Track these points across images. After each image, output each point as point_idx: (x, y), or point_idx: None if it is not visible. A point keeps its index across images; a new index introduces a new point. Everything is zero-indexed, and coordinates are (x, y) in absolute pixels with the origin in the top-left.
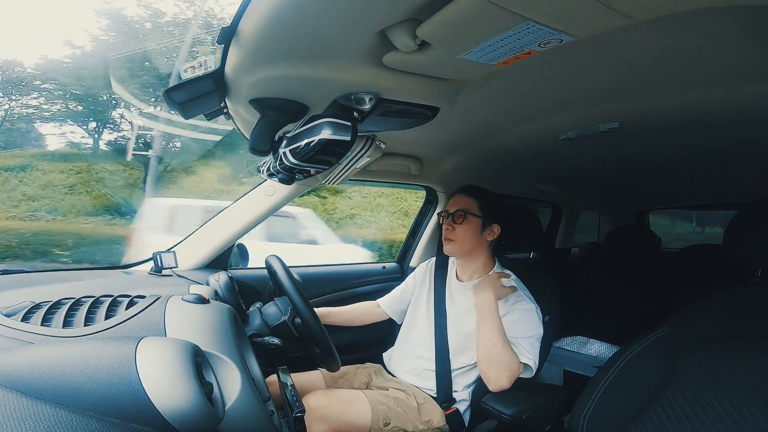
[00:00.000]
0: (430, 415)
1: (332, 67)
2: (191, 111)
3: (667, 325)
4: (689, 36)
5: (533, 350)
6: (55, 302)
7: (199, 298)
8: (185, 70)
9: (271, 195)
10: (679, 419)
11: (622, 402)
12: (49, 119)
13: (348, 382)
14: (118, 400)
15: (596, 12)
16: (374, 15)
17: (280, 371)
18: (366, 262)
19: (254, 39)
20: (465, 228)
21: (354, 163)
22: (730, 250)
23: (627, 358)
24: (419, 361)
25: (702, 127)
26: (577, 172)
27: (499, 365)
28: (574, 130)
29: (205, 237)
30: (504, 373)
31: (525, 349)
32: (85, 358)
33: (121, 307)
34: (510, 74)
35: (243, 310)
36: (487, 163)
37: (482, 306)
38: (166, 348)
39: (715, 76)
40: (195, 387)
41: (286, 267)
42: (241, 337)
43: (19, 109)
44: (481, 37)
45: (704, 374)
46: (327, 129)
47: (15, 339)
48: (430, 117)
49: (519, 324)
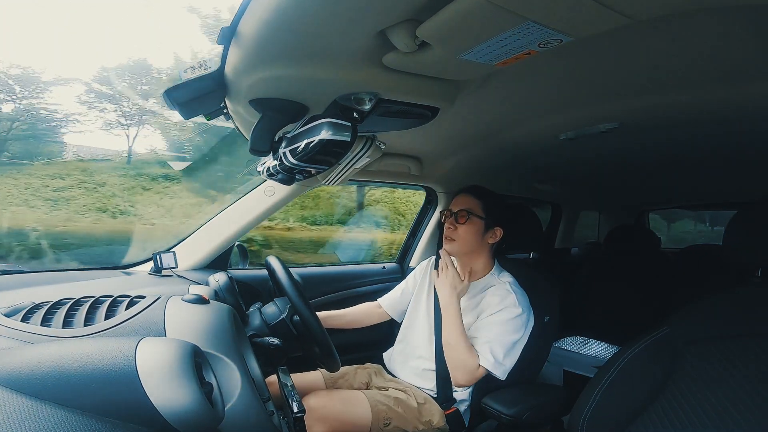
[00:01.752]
0: (430, 415)
1: (332, 68)
2: (191, 111)
3: (667, 325)
4: (689, 36)
5: (503, 354)
6: (55, 302)
7: (198, 299)
8: (185, 70)
9: (271, 195)
10: (679, 419)
11: (622, 402)
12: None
13: (348, 383)
14: (118, 401)
15: (596, 12)
16: (374, 15)
17: (280, 371)
18: (366, 262)
19: (254, 39)
20: (467, 228)
21: (354, 163)
22: (730, 250)
23: (627, 359)
24: (419, 361)
25: (702, 126)
26: (576, 171)
27: (453, 364)
28: (573, 130)
29: (205, 237)
30: (458, 372)
31: (492, 351)
32: (85, 359)
33: (120, 307)
34: (510, 74)
35: (243, 311)
36: (487, 163)
37: (442, 304)
38: (166, 348)
39: (715, 75)
40: (195, 387)
41: (286, 267)
42: (241, 338)
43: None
44: (480, 38)
45: (704, 374)
46: (327, 129)
47: (15, 339)
48: (430, 117)
49: (496, 326)
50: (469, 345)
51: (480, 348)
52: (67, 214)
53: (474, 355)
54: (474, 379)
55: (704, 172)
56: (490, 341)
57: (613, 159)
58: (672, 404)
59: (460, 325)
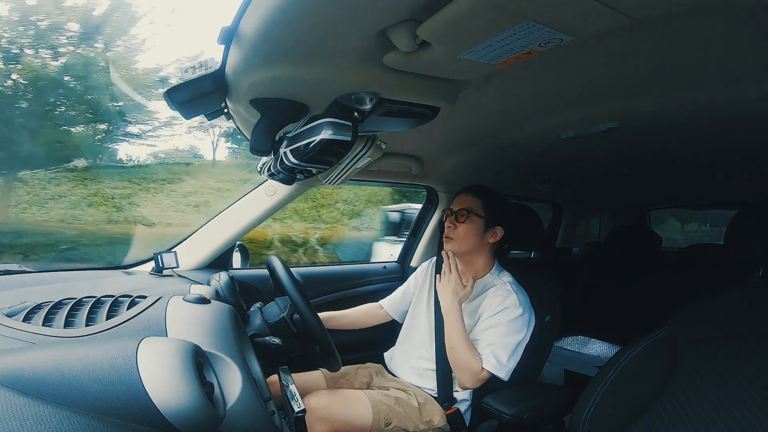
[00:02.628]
0: (431, 415)
1: (333, 67)
2: (191, 111)
3: (668, 324)
4: (689, 36)
5: (506, 355)
6: (56, 302)
7: (200, 299)
8: (185, 70)
9: (272, 195)
10: (680, 419)
11: (623, 402)
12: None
13: (349, 382)
14: (120, 400)
15: (596, 12)
16: (374, 15)
17: (281, 371)
18: (367, 262)
19: (255, 39)
20: (467, 227)
21: (354, 163)
22: (731, 250)
23: (628, 358)
24: (420, 361)
25: (702, 126)
26: (577, 171)
27: (457, 368)
28: (574, 129)
29: (206, 237)
30: (463, 376)
31: (495, 354)
32: (87, 359)
33: (122, 307)
34: (510, 74)
35: (244, 310)
36: (488, 163)
37: (443, 310)
38: (168, 348)
39: (714, 75)
40: (196, 387)
41: (287, 267)
42: (242, 337)
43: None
44: (481, 37)
45: (705, 374)
46: (327, 129)
47: (17, 339)
48: (431, 117)
49: (498, 327)
50: (472, 348)
51: (483, 351)
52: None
53: (477, 358)
54: (479, 381)
55: (705, 171)
56: (492, 344)
57: (613, 158)
58: (673, 404)
59: (462, 329)
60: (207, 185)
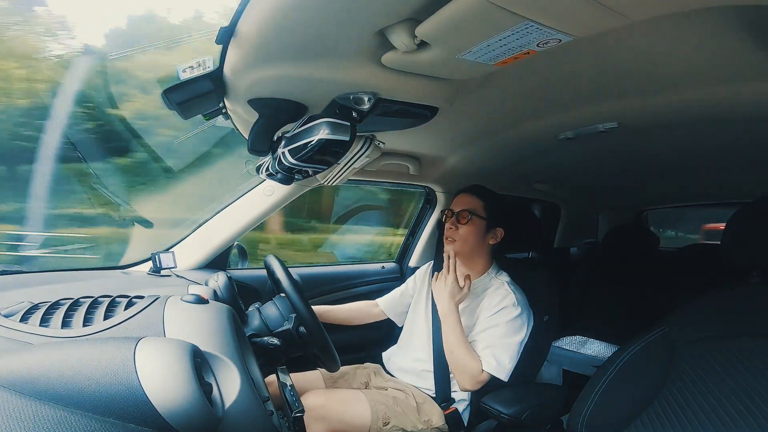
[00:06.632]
0: (429, 415)
1: (331, 67)
2: (189, 111)
3: (666, 324)
4: (688, 36)
5: (506, 356)
6: (53, 303)
7: (198, 299)
8: (183, 70)
9: (270, 195)
10: (677, 418)
11: (621, 401)
12: None
13: (347, 383)
14: (117, 401)
15: (595, 12)
16: (373, 15)
17: (280, 371)
18: (365, 262)
19: (253, 39)
20: (468, 229)
21: (353, 163)
22: (729, 250)
23: (626, 358)
24: (417, 362)
25: (700, 126)
26: (575, 171)
27: (458, 370)
28: (572, 129)
29: (204, 237)
30: (462, 378)
31: (494, 355)
32: (84, 359)
33: (119, 307)
34: (509, 74)
35: (242, 311)
36: (486, 163)
37: (441, 313)
38: (165, 348)
39: (714, 75)
40: (194, 387)
41: (285, 267)
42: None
43: None
44: (479, 37)
45: (702, 373)
46: (326, 129)
47: (13, 340)
48: (429, 117)
49: (497, 328)
50: (470, 351)
51: (482, 353)
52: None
53: (476, 360)
54: (479, 383)
55: (703, 171)
56: (491, 345)
57: (612, 158)
58: (671, 404)
59: (460, 332)
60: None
